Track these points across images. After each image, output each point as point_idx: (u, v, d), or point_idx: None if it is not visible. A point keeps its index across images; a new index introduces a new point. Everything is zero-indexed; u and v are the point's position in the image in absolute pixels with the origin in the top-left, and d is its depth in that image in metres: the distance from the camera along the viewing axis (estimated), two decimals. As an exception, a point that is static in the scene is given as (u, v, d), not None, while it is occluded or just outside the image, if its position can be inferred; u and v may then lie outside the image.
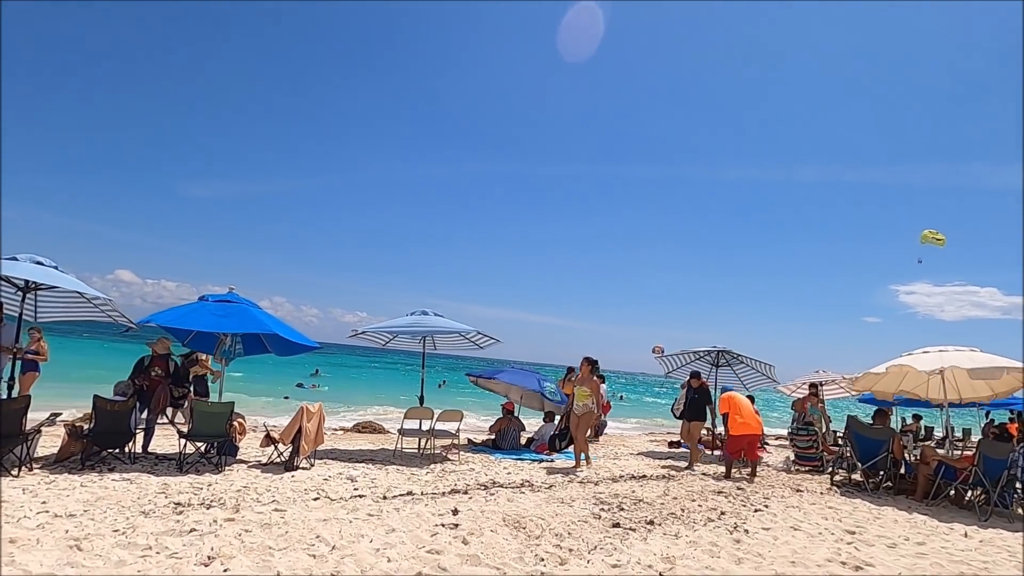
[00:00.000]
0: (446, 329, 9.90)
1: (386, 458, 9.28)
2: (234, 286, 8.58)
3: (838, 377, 17.54)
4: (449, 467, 8.76)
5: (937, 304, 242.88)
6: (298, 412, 7.76)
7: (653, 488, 7.41)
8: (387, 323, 10.05)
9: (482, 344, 11.10)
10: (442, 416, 9.55)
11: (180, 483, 6.30)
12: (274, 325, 7.94)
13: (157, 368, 8.04)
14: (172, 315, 7.76)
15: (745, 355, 13.19)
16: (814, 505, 7.03)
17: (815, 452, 9.93)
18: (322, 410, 8.15)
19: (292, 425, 7.71)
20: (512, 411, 11.67)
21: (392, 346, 11.48)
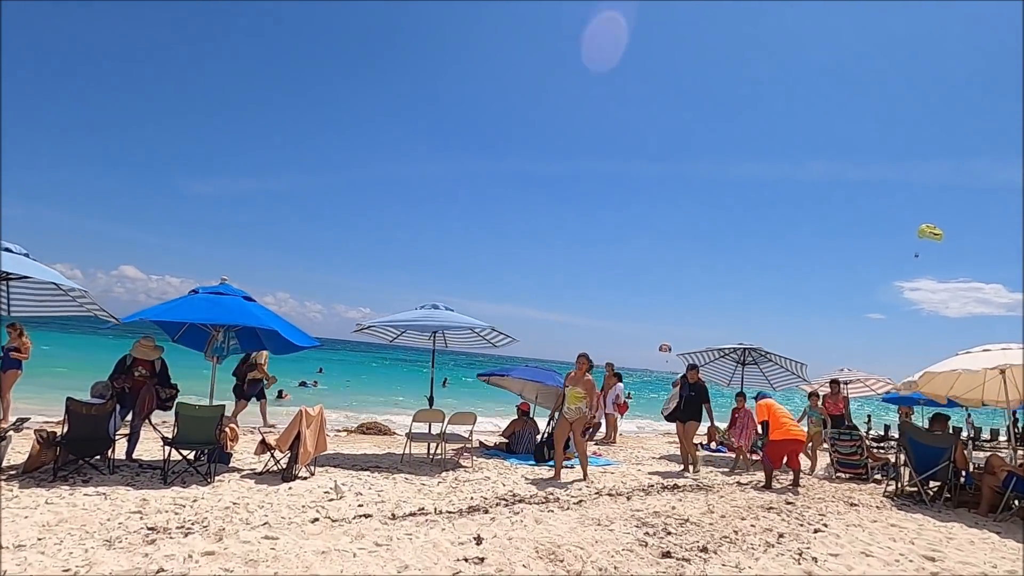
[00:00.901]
0: (458, 325, 9.12)
1: (393, 464, 8.52)
2: (227, 277, 7.81)
3: (863, 375, 16.75)
4: (462, 475, 7.99)
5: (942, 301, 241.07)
6: (296, 416, 7.00)
7: (693, 502, 6.62)
8: (395, 317, 9.28)
9: (496, 342, 10.32)
10: (454, 419, 8.78)
11: (161, 498, 5.55)
12: (270, 320, 7.17)
13: (141, 368, 7.29)
14: (159, 310, 7.00)
15: (775, 353, 12.38)
16: (875, 523, 6.23)
17: (859, 459, 9.12)
18: (323, 414, 7.38)
19: (290, 430, 6.95)
20: (527, 412, 10.90)
21: (400, 342, 10.72)
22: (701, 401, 9.43)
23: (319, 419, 7.28)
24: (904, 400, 19.83)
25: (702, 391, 9.52)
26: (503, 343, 10.33)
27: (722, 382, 13.66)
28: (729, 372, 13.47)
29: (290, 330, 7.59)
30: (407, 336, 10.50)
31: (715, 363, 13.29)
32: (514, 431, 10.60)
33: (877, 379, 16.88)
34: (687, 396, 9.50)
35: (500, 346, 10.44)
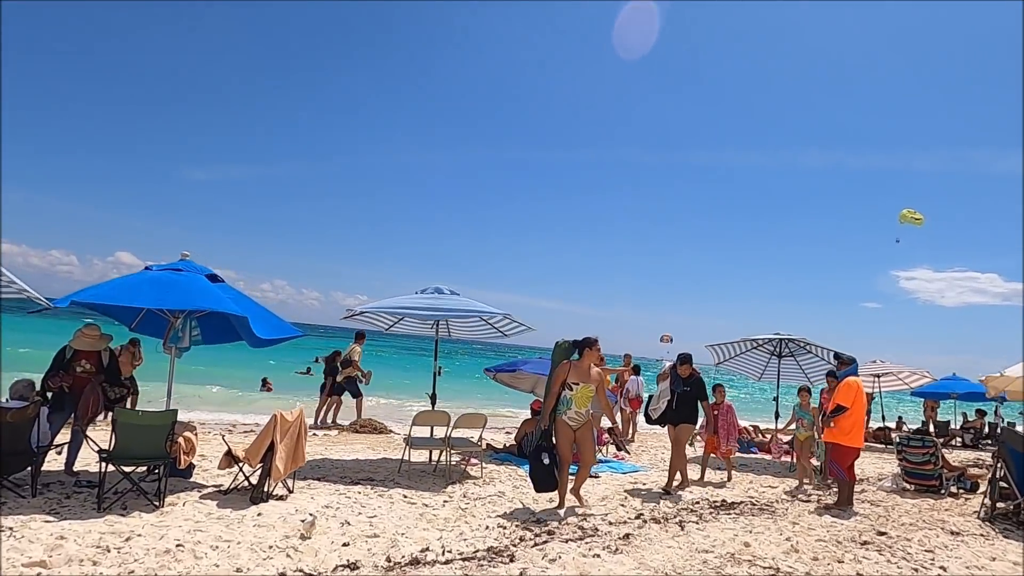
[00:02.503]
0: (465, 311, 7.79)
1: (390, 474, 7.23)
2: (188, 253, 6.46)
3: (897, 368, 15.50)
4: (471, 490, 6.71)
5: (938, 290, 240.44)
6: (269, 422, 5.68)
7: (766, 535, 5.31)
8: (392, 302, 7.93)
9: (507, 331, 9.01)
10: (460, 422, 7.48)
11: (86, 534, 4.24)
12: (237, 304, 5.82)
13: (84, 362, 5.96)
14: (98, 291, 5.65)
15: (816, 343, 11.07)
16: (995, 561, 4.95)
17: (932, 469, 7.83)
18: (303, 419, 6.07)
19: (261, 440, 5.64)
20: (540, 411, 9.58)
21: (397, 330, 9.39)
22: (696, 399, 7.58)
23: (297, 426, 5.97)
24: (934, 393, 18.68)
25: (699, 387, 7.60)
26: (516, 331, 9.01)
27: (753, 375, 12.39)
28: (762, 365, 12.18)
29: (264, 318, 6.26)
30: (405, 324, 9.18)
31: (747, 355, 12.00)
32: (527, 432, 9.30)
33: (912, 372, 15.64)
34: (680, 393, 7.58)
35: (512, 335, 9.13)
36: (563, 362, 6.11)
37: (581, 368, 6.00)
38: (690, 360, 7.74)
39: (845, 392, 6.52)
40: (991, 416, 18.48)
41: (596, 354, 6.12)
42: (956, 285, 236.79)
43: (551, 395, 6.03)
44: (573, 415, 5.96)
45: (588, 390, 5.96)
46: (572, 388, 5.93)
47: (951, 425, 18.21)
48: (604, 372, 6.69)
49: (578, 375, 5.95)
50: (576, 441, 6.00)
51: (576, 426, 5.98)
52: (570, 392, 5.93)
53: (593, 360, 6.09)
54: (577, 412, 5.95)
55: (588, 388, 5.96)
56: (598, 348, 6.14)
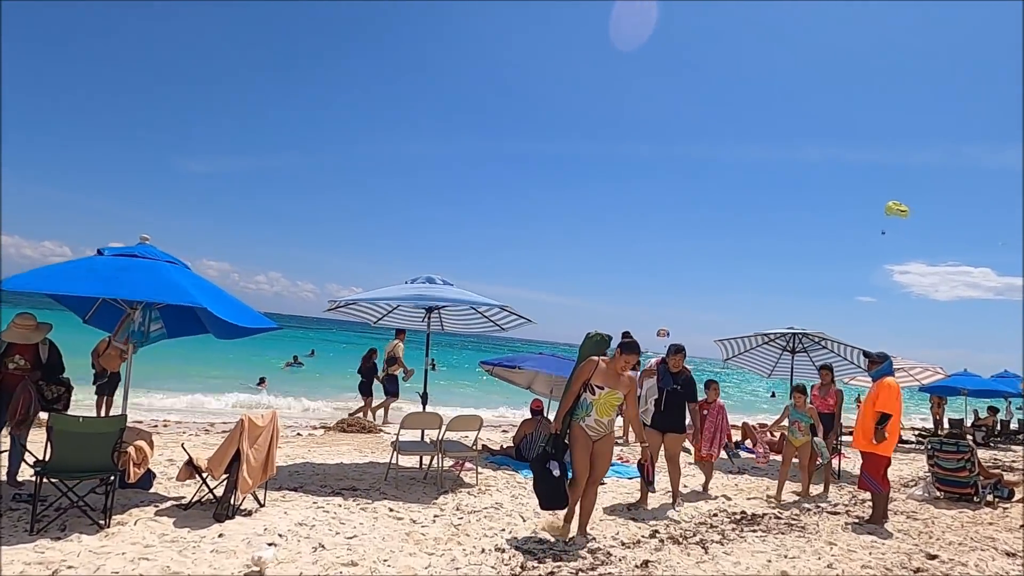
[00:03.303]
0: (458, 300, 7.10)
1: (375, 482, 6.56)
2: (148, 236, 5.73)
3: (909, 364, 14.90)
4: (465, 501, 6.04)
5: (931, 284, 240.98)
6: (235, 428, 4.99)
7: (800, 556, 4.66)
8: (380, 292, 7.22)
9: (505, 324, 8.32)
10: (454, 424, 6.80)
11: (8, 566, 3.56)
12: (200, 294, 5.10)
13: (18, 356, 5.24)
14: (37, 277, 4.92)
15: (833, 339, 10.43)
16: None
17: (967, 475, 7.20)
18: (276, 423, 5.38)
19: (225, 448, 4.94)
20: (541, 410, 8.93)
21: (387, 323, 8.70)
22: (686, 400, 6.45)
23: (269, 431, 5.28)
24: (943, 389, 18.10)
25: (689, 386, 6.46)
26: (513, 325, 8.32)
27: (762, 372, 11.77)
28: (772, 361, 11.56)
29: (231, 309, 5.55)
30: (395, 316, 8.48)
31: (757, 350, 11.37)
32: (526, 434, 8.65)
33: (924, 367, 15.03)
34: (669, 391, 6.43)
35: (509, 328, 8.45)
36: (590, 358, 5.12)
37: (611, 370, 4.96)
38: (683, 352, 6.59)
39: (887, 395, 5.82)
40: (1003, 413, 17.96)
41: (633, 358, 4.96)
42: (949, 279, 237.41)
43: (569, 394, 5.12)
44: (593, 424, 4.92)
45: (615, 397, 4.92)
46: (596, 392, 4.90)
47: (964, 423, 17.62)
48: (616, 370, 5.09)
49: (605, 377, 4.93)
50: (592, 454, 4.94)
51: (596, 436, 4.94)
52: (592, 396, 4.92)
53: (626, 365, 4.97)
54: (598, 421, 4.93)
55: (615, 395, 4.91)
56: (631, 350, 4.93)
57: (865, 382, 15.56)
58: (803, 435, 7.08)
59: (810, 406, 7.35)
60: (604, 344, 5.45)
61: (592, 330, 5.60)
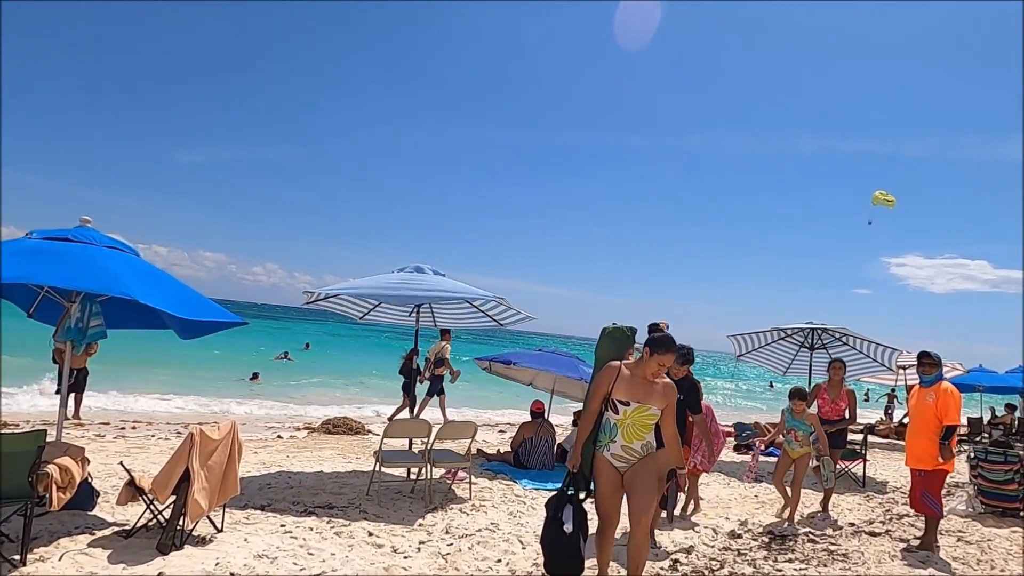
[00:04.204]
0: (449, 293, 6.34)
1: (356, 496, 5.83)
2: (90, 219, 4.96)
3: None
4: (456, 521, 5.31)
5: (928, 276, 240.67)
6: (183, 442, 4.23)
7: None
8: (363, 283, 6.44)
9: (502, 319, 7.57)
10: (444, 433, 6.06)
11: None
12: (134, 282, 4.33)
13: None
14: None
15: (855, 334, 9.71)
16: None
17: (1017, 489, 6.48)
18: (236, 434, 4.63)
19: (171, 466, 4.19)
20: (542, 413, 8.20)
21: (372, 318, 7.94)
22: (688, 407, 5.18)
23: (228, 445, 4.53)
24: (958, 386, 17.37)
25: (692, 394, 5.20)
26: (511, 320, 7.58)
27: (778, 369, 11.05)
28: (789, 357, 10.85)
29: (177, 301, 4.79)
30: (381, 311, 7.72)
31: (773, 345, 10.65)
32: (524, 438, 7.93)
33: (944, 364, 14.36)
34: None
35: (506, 324, 7.70)
36: (610, 363, 3.77)
37: (638, 377, 3.63)
38: (690, 358, 5.23)
39: (951, 404, 5.03)
40: (1021, 410, 17.29)
41: (668, 359, 3.60)
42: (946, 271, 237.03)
43: (587, 416, 3.77)
44: (620, 452, 3.61)
45: (647, 414, 3.58)
46: (619, 409, 3.59)
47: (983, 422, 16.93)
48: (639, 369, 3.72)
49: (631, 388, 3.60)
50: (625, 488, 3.62)
51: (624, 467, 3.63)
52: (616, 416, 3.61)
53: (660, 368, 3.61)
54: (627, 448, 3.60)
55: (646, 411, 3.58)
56: (671, 354, 3.61)
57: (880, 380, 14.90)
58: (801, 446, 6.01)
59: (811, 413, 6.14)
60: (626, 341, 4.30)
61: (609, 323, 4.37)
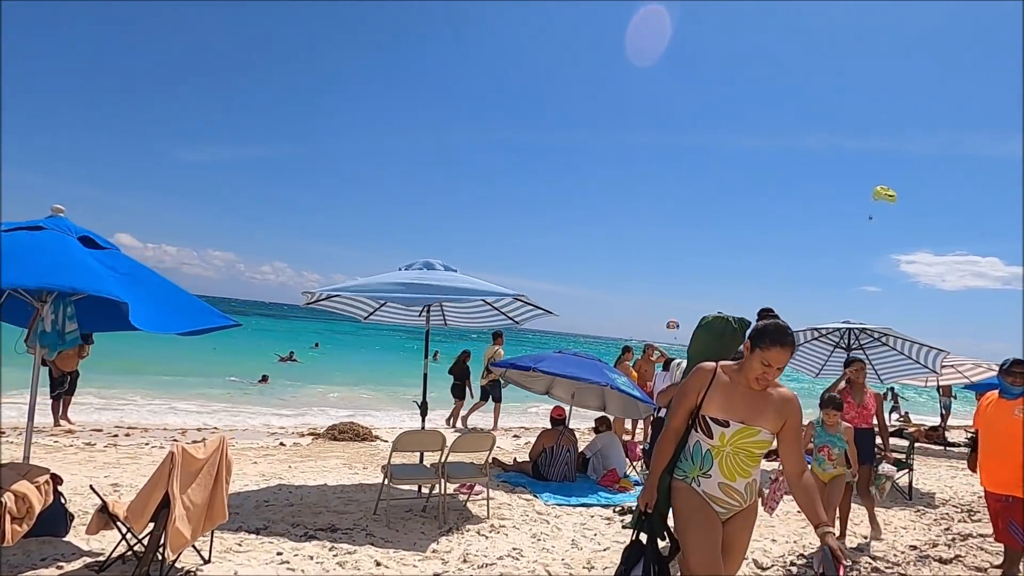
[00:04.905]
0: (464, 291, 5.75)
1: (363, 515, 5.27)
2: (63, 208, 4.43)
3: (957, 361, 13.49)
4: (474, 545, 4.74)
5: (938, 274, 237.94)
6: (162, 464, 3.67)
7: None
8: (369, 282, 5.86)
9: (519, 317, 6.99)
10: (459, 445, 5.47)
11: None
12: (119, 282, 3.78)
13: None
14: None
15: (896, 334, 9.05)
16: None
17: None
18: (225, 452, 4.07)
19: (148, 491, 3.63)
20: (563, 420, 7.61)
21: (379, 318, 7.37)
22: None
23: (215, 464, 3.97)
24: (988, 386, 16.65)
25: None
26: (528, 317, 6.99)
27: (810, 372, 10.38)
28: (822, 359, 10.18)
29: (174, 302, 4.24)
30: (387, 311, 7.16)
31: (806, 346, 10.00)
32: (544, 448, 7.34)
33: (974, 363, 13.67)
34: None
35: (523, 322, 7.11)
36: (701, 365, 2.74)
37: (741, 384, 2.61)
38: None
39: None
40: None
41: (785, 356, 2.51)
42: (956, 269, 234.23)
43: (667, 436, 2.69)
44: (716, 492, 2.57)
45: (755, 440, 2.55)
46: (712, 431, 2.57)
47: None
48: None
49: (730, 401, 2.59)
50: (723, 541, 2.59)
51: (727, 512, 2.60)
52: (709, 440, 2.58)
53: (764, 371, 2.53)
54: (726, 487, 2.56)
55: (755, 435, 2.55)
56: (784, 350, 2.51)
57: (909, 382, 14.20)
58: (835, 466, 4.95)
59: (847, 426, 5.08)
60: (732, 337, 3.23)
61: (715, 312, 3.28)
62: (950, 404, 17.03)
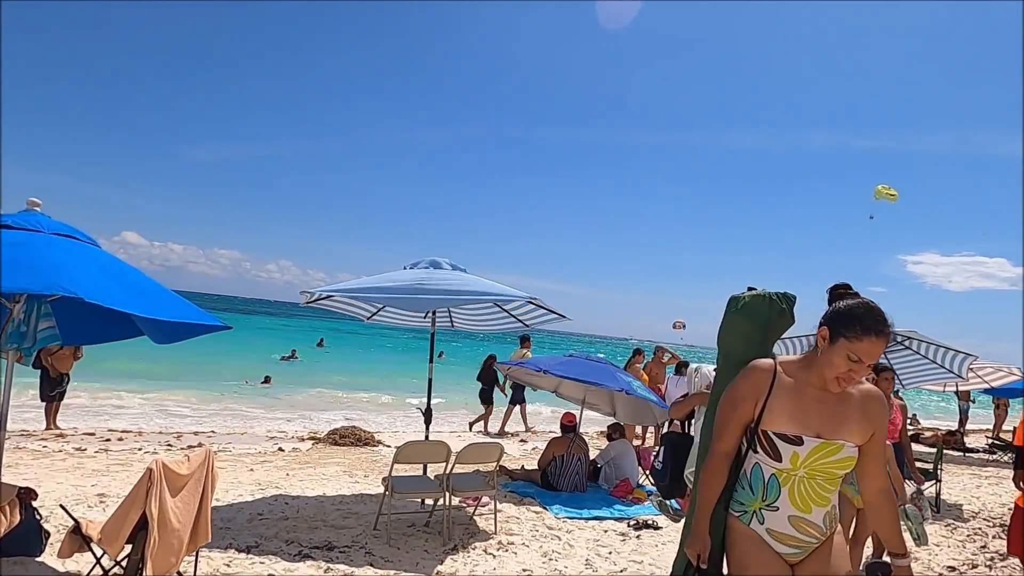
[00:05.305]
0: (473, 293, 5.41)
1: (362, 530, 4.94)
2: (39, 201, 4.10)
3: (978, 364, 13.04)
4: (481, 567, 4.41)
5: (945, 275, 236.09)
6: (140, 481, 3.35)
7: None
8: (372, 282, 5.52)
9: (530, 321, 6.63)
10: (465, 456, 5.12)
11: None
12: (84, 279, 3.45)
13: None
14: None
15: (921, 337, 8.65)
16: None
17: None
18: (211, 466, 3.74)
19: (124, 510, 3.31)
20: (574, 426, 7.26)
21: (382, 319, 7.04)
22: None
23: (200, 480, 3.64)
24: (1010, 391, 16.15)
25: None
26: (539, 321, 6.64)
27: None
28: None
29: (149, 297, 3.91)
30: (391, 312, 6.82)
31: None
32: (554, 456, 6.99)
33: (996, 368, 13.21)
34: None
35: (533, 325, 6.77)
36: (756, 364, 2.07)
37: (813, 386, 1.98)
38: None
39: None
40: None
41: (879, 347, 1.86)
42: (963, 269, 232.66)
43: (715, 460, 2.09)
44: (785, 528, 1.99)
45: (838, 459, 1.95)
46: (779, 451, 1.96)
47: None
48: None
49: (803, 409, 1.96)
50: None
51: (800, 552, 2.01)
52: (775, 463, 1.97)
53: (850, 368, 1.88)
54: (799, 520, 1.97)
55: (838, 451, 1.94)
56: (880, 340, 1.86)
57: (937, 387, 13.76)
58: None
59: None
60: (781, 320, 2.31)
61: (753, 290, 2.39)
62: (968, 408, 16.61)
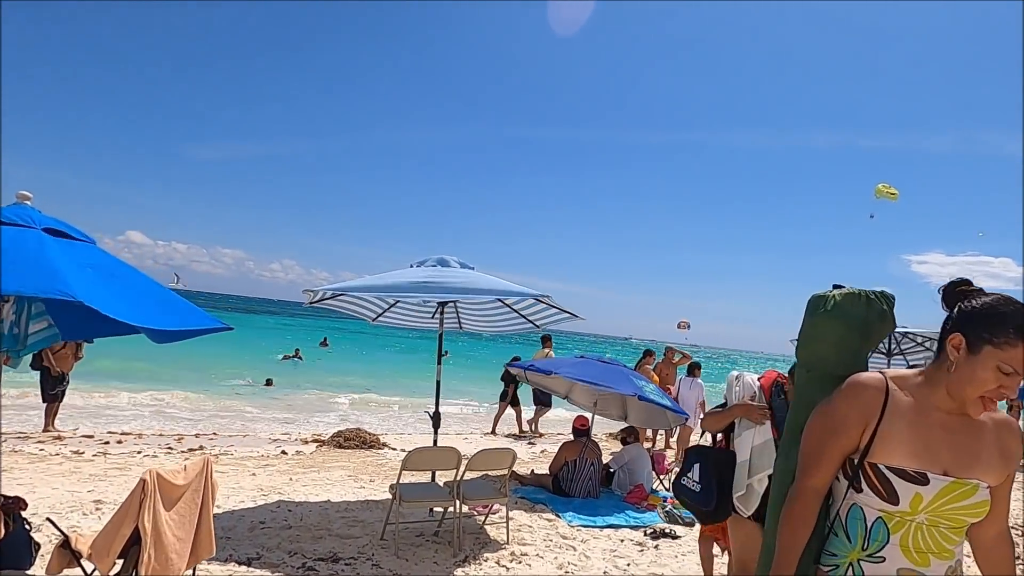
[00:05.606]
0: (482, 291, 5.18)
1: (369, 540, 4.72)
2: (30, 195, 3.89)
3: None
4: (494, 580, 4.17)
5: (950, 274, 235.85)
6: (133, 492, 3.13)
7: None
8: (377, 280, 5.30)
9: (540, 321, 6.40)
10: (475, 463, 4.90)
11: None
12: (76, 279, 3.24)
13: None
14: None
15: (925, 333, 8.41)
16: None
17: None
18: (210, 475, 3.52)
19: (116, 523, 3.10)
20: (586, 430, 7.02)
21: (388, 320, 6.82)
22: None
23: (198, 490, 3.43)
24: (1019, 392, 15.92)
25: None
26: (550, 320, 6.41)
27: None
28: (859, 364, 9.53)
29: (148, 300, 3.69)
30: (398, 313, 6.61)
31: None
32: (566, 461, 6.77)
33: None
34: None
35: (544, 325, 6.54)
36: (859, 379, 1.55)
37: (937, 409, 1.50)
38: None
39: None
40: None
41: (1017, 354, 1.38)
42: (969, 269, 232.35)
43: (806, 499, 1.59)
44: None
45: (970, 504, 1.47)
46: (897, 492, 1.47)
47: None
48: None
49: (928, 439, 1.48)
50: None
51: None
52: (890, 506, 1.49)
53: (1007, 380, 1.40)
54: (912, 571, 1.49)
55: (972, 493, 1.46)
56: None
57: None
58: None
59: None
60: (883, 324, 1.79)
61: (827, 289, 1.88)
62: None
